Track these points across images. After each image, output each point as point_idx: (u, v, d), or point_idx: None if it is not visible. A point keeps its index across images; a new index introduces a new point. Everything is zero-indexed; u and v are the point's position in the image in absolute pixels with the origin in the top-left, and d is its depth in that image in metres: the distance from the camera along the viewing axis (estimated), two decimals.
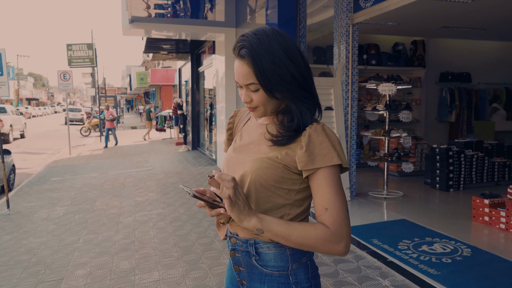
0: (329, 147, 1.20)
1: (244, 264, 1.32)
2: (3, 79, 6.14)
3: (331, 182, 1.19)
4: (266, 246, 1.27)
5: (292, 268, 1.28)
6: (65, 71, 13.52)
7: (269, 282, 1.29)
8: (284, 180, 1.23)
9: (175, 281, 3.54)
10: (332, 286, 3.27)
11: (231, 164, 1.36)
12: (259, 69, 1.19)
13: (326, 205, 1.18)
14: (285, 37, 1.24)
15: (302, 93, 1.24)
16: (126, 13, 8.55)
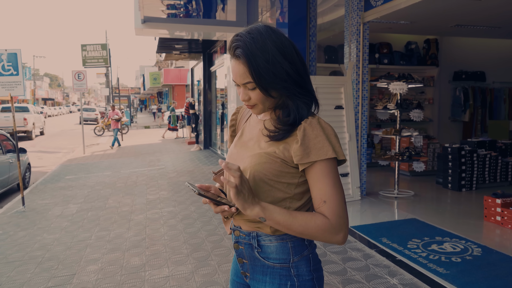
0: (324, 141, 1.22)
1: (247, 256, 1.36)
2: (18, 79, 6.27)
3: (327, 175, 1.22)
4: (268, 239, 1.30)
5: (293, 261, 1.31)
6: (79, 71, 13.71)
7: (271, 274, 1.32)
8: (283, 174, 1.26)
9: (184, 277, 3.58)
10: (340, 284, 3.28)
11: (232, 159, 1.39)
12: (254, 68, 1.21)
13: (324, 198, 1.21)
14: (279, 34, 1.25)
15: (297, 90, 1.26)
16: (138, 14, 8.64)
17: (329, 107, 5.64)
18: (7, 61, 6.16)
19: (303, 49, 5.62)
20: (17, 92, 6.29)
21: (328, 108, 5.63)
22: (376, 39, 9.19)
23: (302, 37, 5.63)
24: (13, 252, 4.52)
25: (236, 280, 1.48)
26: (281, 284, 1.30)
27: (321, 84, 5.62)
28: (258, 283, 1.34)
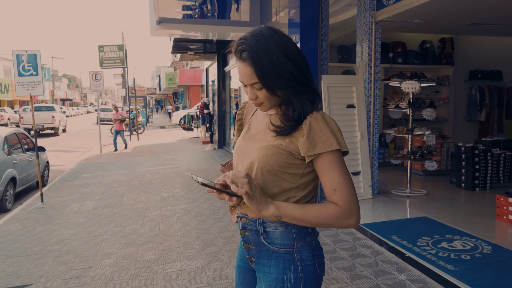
0: (329, 134, 1.30)
1: (253, 242, 1.44)
2: (38, 79, 6.46)
3: (335, 165, 1.30)
4: (274, 225, 1.38)
5: (297, 246, 1.39)
6: (96, 72, 13.97)
7: (275, 258, 1.40)
8: (289, 165, 1.34)
9: (196, 271, 3.67)
10: (348, 279, 3.33)
11: (240, 152, 1.47)
12: (260, 70, 1.27)
13: (334, 186, 1.29)
14: (281, 35, 1.32)
15: (301, 88, 1.33)
16: (154, 15, 8.79)
17: (340, 106, 5.67)
18: (27, 62, 6.35)
19: (315, 49, 5.67)
20: (37, 92, 6.48)
21: (340, 107, 5.67)
22: (390, 38, 9.16)
23: (314, 37, 5.67)
24: (32, 246, 4.68)
25: (242, 266, 1.56)
26: (285, 268, 1.38)
27: (332, 83, 5.66)
28: (264, 267, 1.42)
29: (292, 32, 6.02)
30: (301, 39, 5.66)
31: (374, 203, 5.58)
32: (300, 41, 5.66)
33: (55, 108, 23.20)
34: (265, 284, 1.41)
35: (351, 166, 5.68)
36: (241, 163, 1.44)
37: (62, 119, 24.07)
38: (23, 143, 8.42)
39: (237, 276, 1.59)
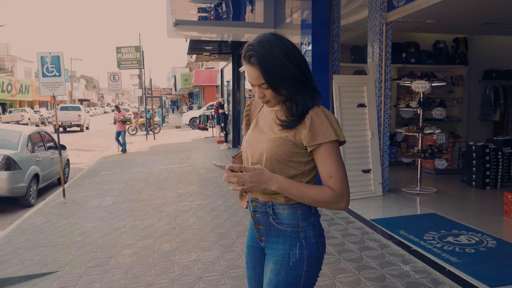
0: (328, 126, 1.50)
1: (263, 222, 1.64)
2: (60, 80, 6.76)
3: (332, 154, 1.51)
4: (281, 207, 1.59)
5: (302, 226, 1.59)
6: (114, 73, 14.35)
7: (283, 236, 1.59)
8: (294, 154, 1.55)
9: (211, 261, 3.87)
10: (355, 269, 3.48)
11: (250, 144, 1.67)
12: (266, 72, 1.49)
13: (330, 173, 1.50)
14: (284, 41, 1.53)
15: (303, 87, 1.54)
16: (170, 17, 9.05)
17: (351, 105, 5.81)
18: (51, 63, 6.65)
19: (326, 50, 5.83)
20: (59, 92, 6.78)
21: (351, 106, 5.81)
22: (404, 38, 9.24)
23: (325, 38, 5.83)
24: (57, 237, 4.95)
25: (252, 245, 1.76)
26: (292, 245, 1.57)
27: (344, 83, 5.81)
28: (272, 245, 1.62)
29: (305, 33, 6.19)
30: (313, 40, 5.83)
31: (384, 200, 5.71)
32: (312, 42, 5.83)
33: (80, 108, 27.09)
34: (273, 259, 1.60)
35: (362, 164, 5.82)
36: (251, 154, 1.64)
37: (86, 117, 27.76)
38: (45, 142, 8.76)
39: (247, 255, 1.80)
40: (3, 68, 39.78)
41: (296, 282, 1.56)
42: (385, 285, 3.17)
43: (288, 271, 1.56)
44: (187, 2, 8.29)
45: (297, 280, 1.56)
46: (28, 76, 45.48)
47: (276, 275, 1.57)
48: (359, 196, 5.72)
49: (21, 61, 43.57)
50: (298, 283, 1.56)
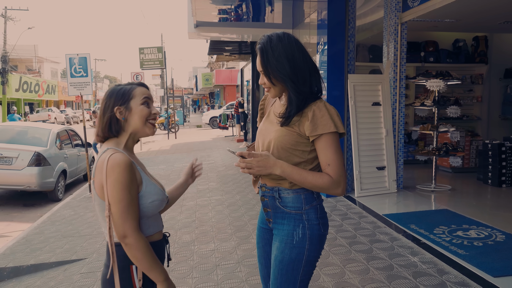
0: (328, 119, 1.71)
1: (270, 206, 1.85)
2: (87, 80, 7.10)
3: (331, 144, 1.71)
4: (286, 192, 1.79)
5: (305, 209, 1.79)
6: (137, 73, 14.77)
7: (288, 218, 1.80)
8: (298, 143, 1.75)
9: (228, 251, 4.09)
10: (364, 260, 3.65)
11: (261, 134, 1.90)
12: (263, 61, 1.74)
13: (329, 162, 1.70)
14: (291, 41, 1.74)
15: (292, 85, 1.73)
16: (192, 19, 9.33)
17: (366, 103, 5.95)
18: (79, 64, 7.01)
19: (342, 50, 5.97)
20: (86, 92, 7.13)
21: (366, 105, 5.95)
22: (422, 37, 9.27)
23: (341, 39, 5.98)
24: (84, 228, 5.26)
25: (262, 226, 1.98)
26: (295, 226, 1.77)
27: (359, 82, 5.94)
28: (279, 225, 1.82)
29: (321, 34, 6.35)
30: (329, 40, 5.98)
31: (398, 197, 5.82)
32: (328, 42, 5.99)
33: None
34: (279, 238, 1.81)
35: (377, 161, 5.95)
36: (262, 142, 1.86)
37: None
38: (72, 139, 9.16)
39: (258, 236, 2.02)
40: (30, 69, 41.08)
41: (299, 258, 1.75)
42: (392, 274, 3.33)
43: (292, 249, 1.75)
44: (208, 4, 8.55)
45: (299, 257, 1.75)
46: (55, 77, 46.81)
47: (281, 252, 1.77)
48: (373, 192, 5.85)
49: (48, 62, 44.89)
50: (300, 260, 1.75)
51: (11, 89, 29.64)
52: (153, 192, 1.63)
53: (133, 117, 1.64)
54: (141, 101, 1.66)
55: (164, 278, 1.59)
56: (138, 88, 1.69)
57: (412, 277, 3.25)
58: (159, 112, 1.81)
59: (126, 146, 1.67)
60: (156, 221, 1.71)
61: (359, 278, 3.30)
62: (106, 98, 1.67)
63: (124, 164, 1.51)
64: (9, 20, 28.97)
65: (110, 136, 1.65)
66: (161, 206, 1.67)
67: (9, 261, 4.36)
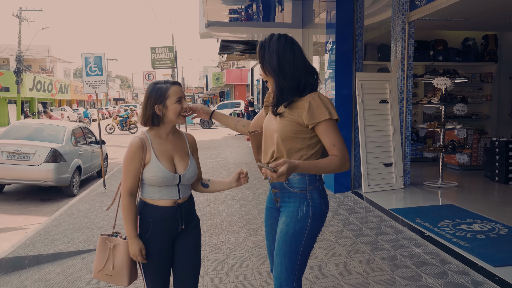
0: (323, 108, 1.94)
1: (278, 187, 2.08)
2: (102, 78, 7.32)
3: (331, 129, 1.95)
4: (293, 174, 1.99)
5: (309, 189, 2.03)
6: (149, 72, 15.03)
7: (294, 197, 2.03)
8: (299, 131, 1.99)
9: (238, 242, 4.26)
10: (369, 251, 3.78)
11: (267, 126, 2.13)
12: (259, 54, 2.04)
13: (334, 143, 1.94)
14: (288, 43, 2.00)
15: (277, 79, 2.01)
16: (203, 19, 9.52)
17: (374, 101, 6.06)
18: (94, 63, 7.23)
19: (350, 49, 6.10)
20: (101, 90, 7.35)
21: (373, 103, 6.06)
22: (431, 36, 9.32)
23: (349, 38, 6.11)
24: (100, 221, 5.47)
25: (270, 206, 2.21)
26: (300, 203, 2.01)
27: (366, 80, 6.07)
28: (286, 204, 2.05)
29: (329, 33, 6.48)
30: (337, 39, 6.12)
31: (405, 193, 5.94)
32: (336, 41, 6.12)
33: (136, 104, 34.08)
34: (285, 214, 2.05)
35: (384, 158, 6.06)
36: (269, 134, 2.08)
37: None
38: (87, 137, 9.41)
39: (266, 215, 2.26)
40: (44, 68, 41.73)
41: (302, 231, 1.99)
42: (396, 264, 3.46)
43: (296, 223, 1.99)
44: (219, 4, 8.73)
45: (302, 230, 1.99)
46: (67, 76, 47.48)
47: (286, 226, 2.01)
48: (380, 188, 5.97)
49: (61, 62, 45.55)
50: (303, 233, 1.99)
51: (25, 89, 30.19)
52: (154, 170, 2.07)
53: (169, 113, 2.10)
54: (175, 100, 2.09)
55: (130, 236, 2.08)
56: (172, 87, 2.11)
57: (415, 267, 3.38)
58: (189, 106, 2.20)
59: (162, 132, 2.15)
60: (167, 191, 2.12)
61: (363, 267, 3.44)
62: (148, 96, 2.12)
63: (133, 145, 2.07)
64: (23, 21, 29.48)
65: (153, 126, 2.14)
66: (161, 182, 2.08)
67: (30, 250, 4.58)
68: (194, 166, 2.21)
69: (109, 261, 2.13)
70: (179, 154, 2.17)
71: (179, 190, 2.15)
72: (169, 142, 2.16)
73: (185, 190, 2.19)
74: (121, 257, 2.11)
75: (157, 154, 2.10)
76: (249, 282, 3.34)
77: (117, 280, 2.15)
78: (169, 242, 2.17)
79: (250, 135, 2.31)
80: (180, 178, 2.13)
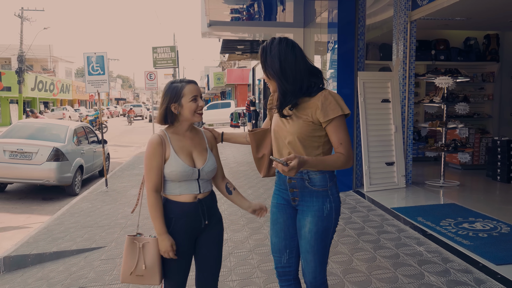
0: (335, 104, 2.00)
1: (298, 186, 2.11)
2: (104, 78, 7.34)
3: (340, 126, 2.02)
4: (314, 173, 2.08)
5: (329, 186, 2.11)
6: (151, 72, 15.03)
7: (316, 196, 2.09)
8: (315, 130, 2.05)
9: (240, 240, 4.27)
10: (372, 249, 3.79)
11: (279, 127, 2.14)
12: (262, 58, 2.08)
13: (341, 141, 2.00)
14: (289, 46, 2.05)
15: (279, 82, 2.05)
16: (205, 18, 9.53)
17: (376, 100, 6.07)
18: (96, 63, 7.24)
19: (352, 48, 6.11)
20: (103, 89, 7.36)
21: (375, 102, 6.07)
22: (433, 36, 9.32)
23: (351, 37, 6.11)
24: (102, 220, 5.48)
25: (282, 203, 2.21)
26: (324, 201, 2.08)
27: (368, 79, 6.07)
28: (307, 203, 2.10)
29: (331, 32, 6.49)
30: (339, 38, 6.12)
31: (407, 192, 5.94)
32: (338, 40, 6.12)
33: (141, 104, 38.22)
34: (311, 213, 2.09)
35: (386, 157, 6.07)
36: (282, 135, 2.12)
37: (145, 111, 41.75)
38: (88, 136, 9.42)
39: (277, 212, 2.24)
40: (46, 68, 41.78)
41: (329, 227, 2.10)
42: (398, 262, 3.47)
43: (323, 221, 2.08)
44: (221, 4, 8.73)
45: (329, 226, 2.09)
46: (69, 76, 47.51)
47: (315, 225, 2.08)
48: (382, 187, 5.98)
49: (62, 61, 45.60)
50: (329, 228, 2.10)
51: (27, 88, 30.24)
52: (174, 165, 2.11)
53: (184, 111, 2.15)
54: (190, 99, 2.14)
55: (159, 233, 2.12)
56: (187, 86, 2.16)
57: (417, 265, 3.39)
58: (204, 104, 2.25)
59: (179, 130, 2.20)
60: (188, 186, 2.16)
61: (366, 265, 3.45)
62: (164, 95, 2.18)
63: (152, 142, 2.11)
64: (25, 21, 29.53)
65: (168, 124, 2.19)
66: (181, 176, 2.12)
67: (33, 249, 4.60)
68: (213, 160, 2.25)
69: (140, 261, 2.15)
70: (197, 150, 2.22)
71: (199, 184, 2.19)
72: (187, 138, 2.22)
73: (206, 185, 2.23)
74: (152, 256, 2.14)
75: (176, 149, 2.15)
76: (252, 280, 3.36)
77: (149, 279, 2.15)
78: (191, 238, 2.20)
79: (250, 134, 2.35)
80: (199, 172, 2.17)
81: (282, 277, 2.25)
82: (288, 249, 2.20)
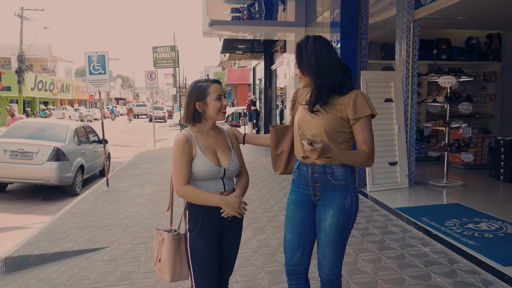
0: (365, 104, 2.08)
1: (320, 180, 2.16)
2: (105, 77, 7.30)
3: (367, 126, 2.10)
4: (337, 167, 2.14)
5: (350, 180, 2.17)
6: (151, 71, 15.01)
7: (338, 190, 2.15)
8: (342, 126, 2.12)
9: (244, 241, 4.23)
10: (376, 249, 3.76)
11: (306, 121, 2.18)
12: (297, 55, 2.15)
13: (365, 140, 2.08)
14: (323, 44, 2.14)
15: (315, 79, 2.12)
16: (206, 17, 9.49)
17: (378, 99, 6.02)
18: (97, 62, 7.20)
19: (355, 47, 6.08)
20: (105, 89, 7.33)
21: (378, 101, 6.02)
22: (435, 35, 9.28)
23: (354, 36, 6.08)
24: (104, 220, 5.45)
25: (301, 199, 2.24)
26: (345, 195, 2.14)
27: (371, 78, 6.04)
28: (329, 197, 2.15)
29: (334, 31, 6.46)
30: (342, 38, 6.09)
31: (410, 192, 5.91)
32: (341, 40, 6.09)
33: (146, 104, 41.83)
34: (332, 207, 2.14)
35: (389, 157, 6.03)
36: (306, 129, 2.15)
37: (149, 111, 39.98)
38: (89, 136, 9.39)
39: (295, 209, 2.26)
40: (45, 68, 41.73)
41: (349, 221, 2.16)
42: (404, 263, 3.44)
43: (344, 215, 2.13)
44: (222, 3, 8.71)
45: (349, 220, 2.15)
46: (69, 76, 47.47)
47: (336, 218, 2.13)
48: (385, 187, 5.94)
49: (62, 61, 45.55)
50: (349, 221, 2.16)
51: (27, 88, 30.20)
52: (200, 164, 2.15)
53: (209, 109, 2.19)
54: (214, 98, 2.18)
55: (219, 201, 2.11)
56: (212, 86, 2.21)
57: (424, 266, 3.36)
58: (228, 103, 2.28)
59: (203, 129, 2.24)
60: (213, 184, 2.20)
61: (371, 266, 3.42)
62: (189, 94, 2.22)
63: (179, 141, 2.15)
64: (25, 20, 29.49)
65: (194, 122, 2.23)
66: (208, 175, 2.16)
67: (34, 249, 4.56)
68: (237, 160, 2.29)
69: (159, 254, 2.24)
70: (221, 149, 2.26)
71: (224, 183, 2.23)
72: (211, 137, 2.26)
73: (229, 183, 2.28)
74: (165, 251, 2.21)
75: (202, 148, 2.19)
76: (256, 281, 3.32)
77: (163, 274, 2.23)
78: (216, 235, 2.24)
79: (271, 129, 2.39)
80: (225, 171, 2.21)
81: (292, 275, 2.26)
82: (302, 247, 2.22)
